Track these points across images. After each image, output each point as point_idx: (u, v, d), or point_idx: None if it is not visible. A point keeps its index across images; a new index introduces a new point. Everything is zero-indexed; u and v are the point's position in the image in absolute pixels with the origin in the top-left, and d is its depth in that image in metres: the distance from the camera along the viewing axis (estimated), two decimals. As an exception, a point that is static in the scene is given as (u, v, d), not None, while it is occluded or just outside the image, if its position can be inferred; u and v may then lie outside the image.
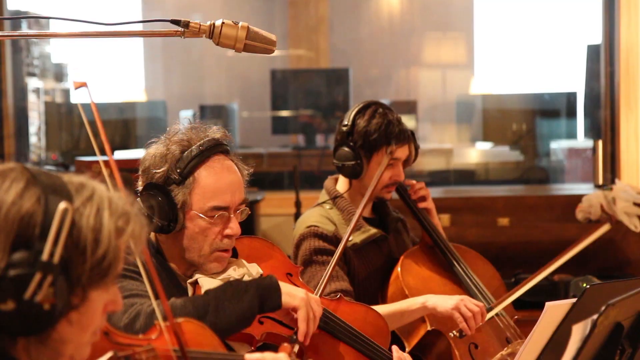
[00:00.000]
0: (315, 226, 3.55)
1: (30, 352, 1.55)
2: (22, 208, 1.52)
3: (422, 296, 3.43)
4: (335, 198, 3.64)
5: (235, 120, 8.90)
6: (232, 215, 2.66)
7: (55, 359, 1.58)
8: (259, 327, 2.63)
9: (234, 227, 2.66)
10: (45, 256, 1.49)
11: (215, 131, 2.71)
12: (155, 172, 2.63)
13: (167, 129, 2.72)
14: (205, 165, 2.64)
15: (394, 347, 2.93)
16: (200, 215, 2.62)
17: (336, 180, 3.71)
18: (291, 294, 2.59)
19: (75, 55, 8.75)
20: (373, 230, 3.61)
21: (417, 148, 3.68)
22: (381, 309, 3.40)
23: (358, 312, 2.99)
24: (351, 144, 3.58)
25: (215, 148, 2.67)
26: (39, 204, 1.53)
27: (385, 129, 3.55)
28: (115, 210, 1.60)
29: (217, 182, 2.64)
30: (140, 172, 2.70)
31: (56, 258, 1.50)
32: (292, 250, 3.62)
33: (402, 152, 3.59)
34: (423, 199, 3.78)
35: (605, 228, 4.09)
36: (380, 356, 2.86)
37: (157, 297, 2.00)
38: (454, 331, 3.40)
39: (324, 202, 3.66)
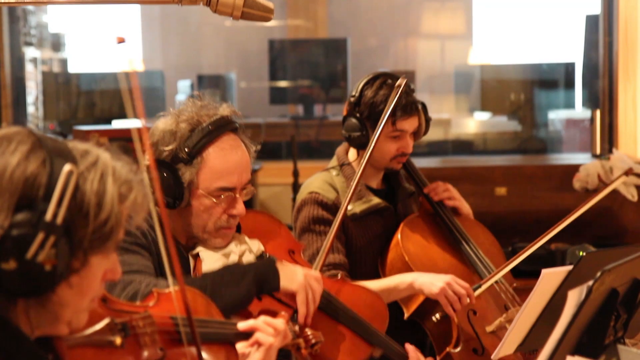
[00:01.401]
0: (316, 193, 3.55)
1: (29, 314, 1.56)
2: (27, 169, 1.53)
3: (411, 274, 3.42)
4: (342, 165, 3.64)
5: (233, 90, 8.89)
6: (237, 196, 2.66)
7: (53, 323, 1.59)
8: (257, 304, 2.63)
9: (239, 208, 2.66)
10: (48, 217, 1.51)
11: (224, 108, 2.70)
12: (163, 149, 2.62)
13: (164, 98, 2.70)
14: (213, 146, 2.63)
15: (411, 347, 2.91)
16: (206, 194, 2.62)
17: (348, 148, 3.70)
18: (290, 277, 2.59)
19: (72, 24, 8.73)
20: (376, 201, 3.60)
21: (428, 121, 3.65)
22: (371, 284, 3.40)
23: (357, 294, 2.99)
24: (358, 114, 3.57)
25: (225, 127, 2.66)
26: (43, 166, 1.54)
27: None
28: (119, 177, 1.61)
29: (225, 163, 2.63)
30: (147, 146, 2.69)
31: (59, 219, 1.51)
32: (293, 213, 3.63)
33: (409, 124, 3.56)
34: (447, 199, 3.74)
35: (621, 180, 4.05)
36: (376, 339, 2.86)
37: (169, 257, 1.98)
38: (436, 315, 3.41)
39: (332, 168, 3.66)
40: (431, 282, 3.35)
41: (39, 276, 1.51)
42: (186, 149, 2.60)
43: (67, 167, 1.54)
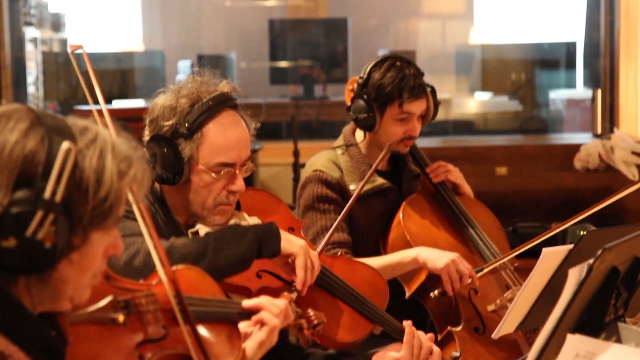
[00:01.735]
0: (320, 171, 3.56)
1: (31, 291, 1.57)
2: (26, 147, 1.53)
3: (415, 249, 3.44)
4: (349, 146, 3.64)
5: (233, 70, 8.87)
6: (237, 172, 2.66)
7: (55, 300, 1.60)
8: (256, 281, 2.64)
9: (238, 184, 2.66)
10: (47, 195, 1.50)
11: (224, 85, 2.71)
12: (164, 125, 2.62)
13: (164, 78, 2.71)
14: (214, 121, 2.63)
15: (407, 323, 2.91)
16: (206, 170, 2.62)
17: (355, 128, 3.69)
18: (290, 241, 2.60)
19: (72, 4, 8.70)
20: (380, 181, 3.61)
21: (436, 105, 3.65)
22: (375, 260, 3.41)
23: (357, 271, 3.00)
24: (365, 96, 3.56)
25: (225, 103, 2.66)
26: (42, 144, 1.54)
27: (398, 83, 3.52)
28: (119, 154, 1.61)
29: (225, 139, 2.63)
30: (147, 122, 2.69)
31: (58, 197, 1.51)
32: (297, 190, 3.63)
33: (416, 107, 3.55)
34: (445, 177, 3.74)
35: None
36: (376, 316, 2.87)
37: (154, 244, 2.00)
38: (435, 291, 3.42)
39: (338, 147, 3.66)
40: (436, 257, 3.37)
41: (39, 254, 1.51)
42: (186, 124, 2.60)
43: (65, 145, 1.53)
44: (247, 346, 2.20)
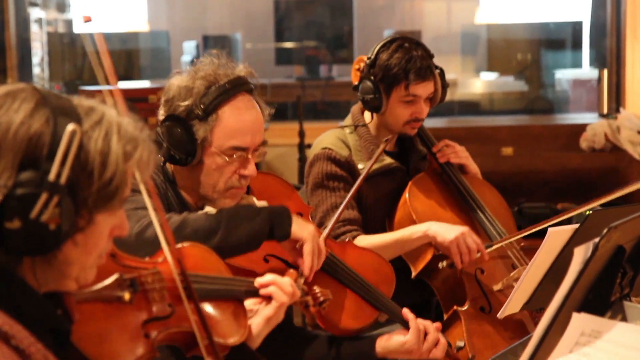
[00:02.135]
0: (329, 149, 3.55)
1: (36, 272, 1.56)
2: (31, 128, 1.52)
3: (425, 223, 3.43)
4: (357, 126, 3.63)
5: (239, 51, 8.86)
6: (250, 156, 2.66)
7: (60, 280, 1.59)
8: (263, 265, 2.63)
9: (250, 169, 2.65)
10: (52, 177, 1.50)
11: (241, 69, 2.70)
12: (179, 105, 2.62)
13: (169, 58, 2.70)
14: (229, 104, 2.62)
15: (411, 317, 2.90)
16: (219, 153, 2.62)
17: (364, 108, 3.68)
18: (300, 225, 2.59)
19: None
20: (388, 161, 3.60)
21: (444, 87, 3.63)
22: (384, 236, 3.41)
23: (364, 258, 2.99)
24: (372, 77, 3.55)
25: (241, 87, 2.65)
26: (47, 125, 1.52)
27: (405, 64, 3.50)
28: (124, 135, 1.59)
29: (240, 122, 2.62)
30: (162, 101, 2.69)
31: (63, 179, 1.51)
32: (305, 168, 3.63)
33: (422, 89, 3.54)
34: (451, 158, 3.73)
35: None
36: (382, 304, 2.86)
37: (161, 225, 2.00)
38: (444, 262, 3.41)
39: (346, 126, 3.65)
40: (446, 231, 3.36)
41: (43, 235, 1.50)
42: (202, 106, 2.59)
43: (70, 127, 1.52)
44: (253, 322, 2.21)
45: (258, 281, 2.23)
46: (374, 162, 3.37)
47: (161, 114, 2.68)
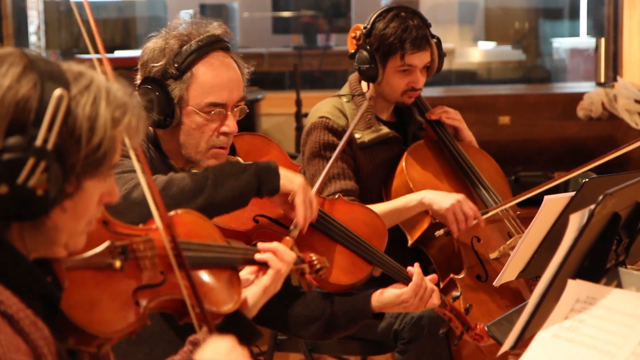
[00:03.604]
0: (327, 118, 3.54)
1: (24, 237, 1.55)
2: (18, 93, 1.50)
3: (420, 192, 3.43)
4: (354, 96, 3.61)
5: (236, 20, 8.83)
6: (229, 113, 2.64)
7: (49, 246, 1.59)
8: (254, 226, 2.63)
9: (230, 125, 2.64)
10: (38, 142, 1.48)
11: (215, 27, 2.68)
12: (153, 66, 2.60)
13: (166, 27, 2.68)
14: (203, 61, 2.61)
15: (417, 271, 2.88)
16: (197, 111, 2.60)
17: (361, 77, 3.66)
18: (289, 178, 2.58)
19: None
20: (385, 130, 3.59)
21: (441, 57, 3.61)
22: (380, 206, 3.41)
23: (354, 213, 2.97)
24: (368, 47, 3.53)
25: (215, 44, 2.64)
26: (35, 90, 1.51)
27: (401, 34, 3.48)
28: (113, 101, 1.58)
29: (215, 78, 2.61)
30: (139, 66, 2.68)
31: (50, 144, 1.49)
32: (302, 137, 3.62)
33: (418, 59, 3.52)
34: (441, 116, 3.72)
35: None
36: (375, 258, 2.85)
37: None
38: (440, 230, 3.41)
39: (343, 95, 3.64)
40: (442, 198, 3.37)
41: (31, 201, 1.50)
42: (175, 65, 2.58)
43: (57, 92, 1.51)
44: (251, 291, 2.19)
45: (260, 246, 2.22)
46: (359, 118, 3.35)
47: (138, 78, 2.67)
